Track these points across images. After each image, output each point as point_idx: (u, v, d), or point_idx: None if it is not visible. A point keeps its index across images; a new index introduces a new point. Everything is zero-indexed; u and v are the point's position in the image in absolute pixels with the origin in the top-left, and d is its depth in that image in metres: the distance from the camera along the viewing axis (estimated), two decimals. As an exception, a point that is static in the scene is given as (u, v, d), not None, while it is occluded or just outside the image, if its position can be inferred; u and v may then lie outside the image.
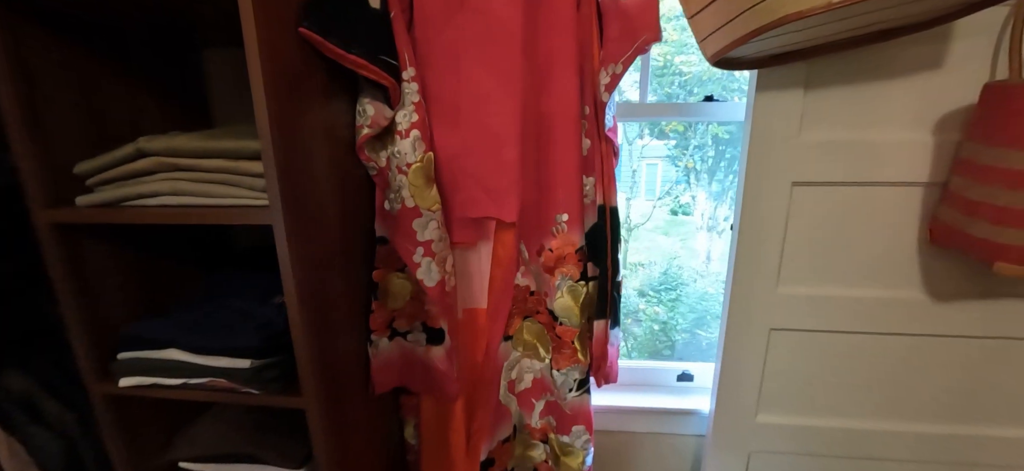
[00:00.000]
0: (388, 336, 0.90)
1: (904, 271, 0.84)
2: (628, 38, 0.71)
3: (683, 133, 2.18)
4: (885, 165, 0.79)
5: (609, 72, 0.75)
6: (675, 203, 2.38)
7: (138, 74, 0.82)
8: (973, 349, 0.86)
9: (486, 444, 0.94)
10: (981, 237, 0.68)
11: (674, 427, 1.09)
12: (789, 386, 0.93)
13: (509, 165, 0.77)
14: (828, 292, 0.86)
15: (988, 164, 0.66)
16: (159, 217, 0.67)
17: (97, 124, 0.76)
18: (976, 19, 0.68)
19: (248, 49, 0.57)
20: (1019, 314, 0.82)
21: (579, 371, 0.89)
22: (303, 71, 0.67)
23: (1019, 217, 0.64)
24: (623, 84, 0.92)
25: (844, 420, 0.94)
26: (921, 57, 0.74)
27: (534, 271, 0.89)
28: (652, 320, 2.46)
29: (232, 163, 0.65)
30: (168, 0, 0.69)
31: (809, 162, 0.80)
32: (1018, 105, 0.63)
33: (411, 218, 0.79)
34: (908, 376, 0.90)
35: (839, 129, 0.78)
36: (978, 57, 0.74)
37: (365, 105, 0.77)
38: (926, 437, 0.92)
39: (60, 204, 0.70)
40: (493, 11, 0.73)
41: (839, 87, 0.77)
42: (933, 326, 0.86)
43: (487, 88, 0.76)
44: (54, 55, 0.69)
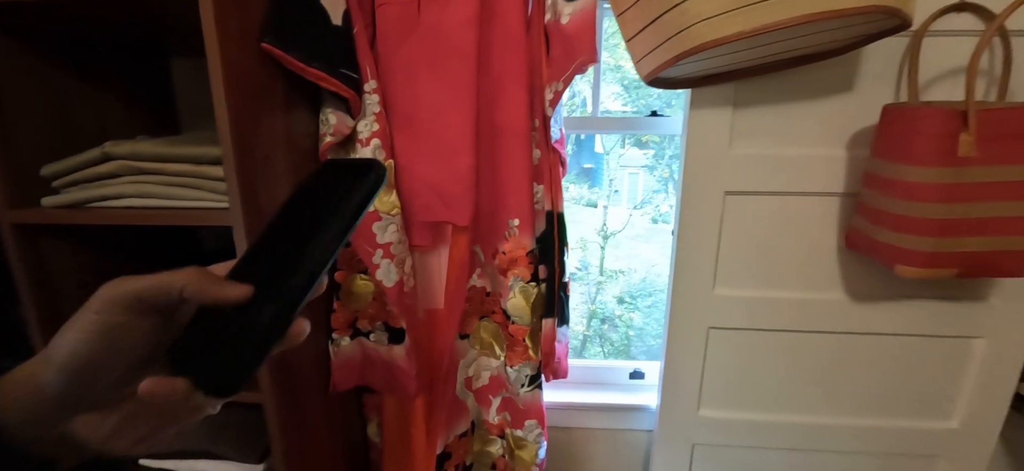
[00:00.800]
0: (350, 335, 0.94)
1: (827, 274, 0.92)
2: (568, 59, 0.77)
3: (660, 143, 2.28)
4: (806, 176, 0.87)
5: (553, 89, 0.81)
6: (656, 211, 2.46)
7: (105, 80, 0.85)
8: (892, 346, 0.94)
9: (442, 438, 0.98)
10: (885, 242, 0.76)
11: (626, 423, 1.15)
12: (728, 382, 0.99)
13: (462, 173, 0.83)
14: (760, 293, 0.93)
15: (888, 177, 0.74)
16: (123, 218, 0.70)
17: (63, 128, 0.79)
18: (881, 47, 0.76)
19: (211, 61, 0.61)
20: (927, 313, 0.91)
21: (531, 367, 0.95)
22: (265, 82, 0.71)
23: (915, 225, 0.72)
24: (604, 96, 0.99)
25: (780, 414, 1.01)
26: (834, 80, 0.83)
27: (490, 273, 0.94)
28: (628, 326, 2.53)
29: (195, 167, 0.69)
30: (134, 14, 0.72)
31: (739, 173, 0.87)
32: (912, 125, 0.71)
33: (371, 221, 0.84)
34: (836, 372, 0.97)
35: (764, 143, 0.86)
36: (883, 81, 0.82)
37: (328, 115, 0.81)
38: (856, 429, 0.99)
39: (24, 205, 0.72)
40: (446, 31, 0.79)
41: (763, 106, 0.84)
42: (855, 325, 0.94)
43: (441, 101, 0.81)
44: (20, 61, 0.72)
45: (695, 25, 0.64)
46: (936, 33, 0.77)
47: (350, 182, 0.29)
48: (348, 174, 0.30)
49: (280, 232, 0.30)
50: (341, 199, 0.29)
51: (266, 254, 0.29)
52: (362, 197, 0.29)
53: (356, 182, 0.29)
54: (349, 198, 0.29)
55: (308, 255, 0.27)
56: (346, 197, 0.29)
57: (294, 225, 0.30)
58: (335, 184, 0.30)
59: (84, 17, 0.72)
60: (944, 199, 0.68)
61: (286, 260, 0.28)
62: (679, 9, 0.65)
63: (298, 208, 0.30)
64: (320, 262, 0.28)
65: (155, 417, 0.28)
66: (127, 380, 0.26)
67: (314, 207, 0.30)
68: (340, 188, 0.29)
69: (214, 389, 0.26)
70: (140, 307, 0.25)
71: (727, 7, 0.61)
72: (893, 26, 0.68)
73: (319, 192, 0.30)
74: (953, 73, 0.81)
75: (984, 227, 0.69)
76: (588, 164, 2.75)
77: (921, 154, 0.69)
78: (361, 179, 0.29)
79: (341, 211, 0.28)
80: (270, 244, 0.30)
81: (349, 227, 0.29)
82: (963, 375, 0.94)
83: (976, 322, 0.90)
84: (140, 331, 0.26)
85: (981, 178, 0.68)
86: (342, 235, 0.28)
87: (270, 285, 0.27)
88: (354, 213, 0.29)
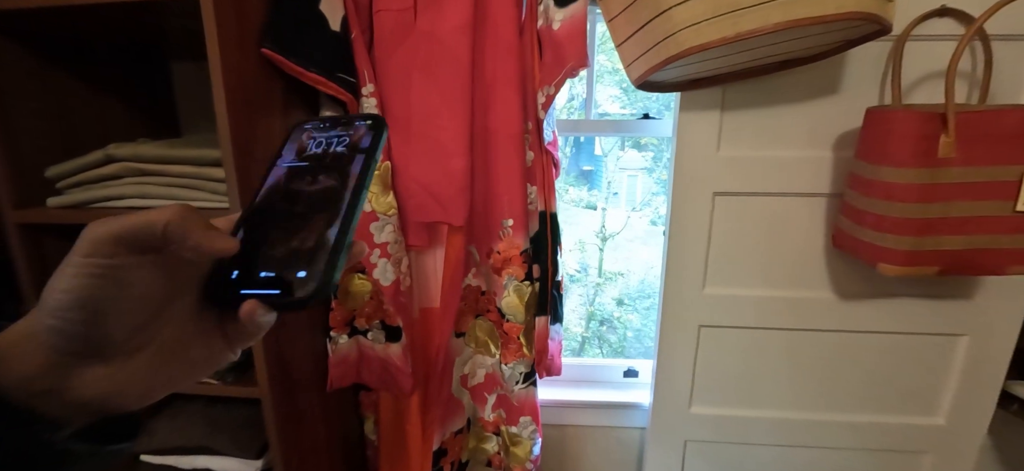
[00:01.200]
0: (347, 333, 0.96)
1: (815, 273, 0.93)
2: (559, 64, 0.79)
3: (658, 145, 2.30)
4: (793, 178, 0.89)
5: (545, 93, 0.83)
6: (655, 213, 2.48)
7: (107, 84, 0.87)
8: (879, 343, 0.96)
9: (438, 434, 1.00)
10: (867, 241, 0.78)
11: (620, 420, 1.17)
12: (718, 379, 1.01)
13: (456, 174, 0.84)
14: (749, 292, 0.95)
15: (870, 178, 0.76)
16: (125, 218, 0.72)
17: (66, 131, 0.81)
18: (865, 51, 0.78)
19: (212, 66, 0.63)
20: (913, 311, 0.93)
21: (525, 365, 0.96)
22: (264, 86, 0.73)
23: (895, 224, 0.74)
24: (603, 99, 1.01)
25: (769, 410, 1.02)
26: (819, 83, 0.85)
27: (484, 272, 0.96)
28: (626, 327, 2.55)
29: (196, 169, 0.71)
30: (136, 19, 0.74)
31: (728, 174, 0.89)
32: (891, 127, 0.73)
33: (368, 222, 0.86)
34: (825, 369, 0.99)
35: (752, 145, 0.88)
36: (868, 84, 0.84)
37: (326, 117, 0.83)
38: (845, 425, 1.01)
39: (29, 205, 0.74)
40: (440, 36, 0.81)
41: (750, 109, 0.86)
42: (842, 323, 0.95)
43: (435, 105, 0.83)
44: (25, 66, 0.74)
45: (680, 31, 0.66)
46: (918, 37, 0.79)
47: (360, 136, 0.30)
48: (350, 127, 0.31)
49: (283, 195, 0.30)
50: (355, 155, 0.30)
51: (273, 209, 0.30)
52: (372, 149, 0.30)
53: (365, 136, 0.30)
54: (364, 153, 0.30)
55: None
56: (361, 151, 0.30)
57: (302, 185, 0.30)
58: (340, 139, 0.31)
59: (87, 23, 0.74)
60: (922, 199, 0.70)
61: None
62: (665, 16, 0.67)
63: (300, 172, 0.31)
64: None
65: (176, 364, 0.26)
66: (143, 325, 0.25)
67: (321, 167, 0.30)
68: (349, 143, 0.30)
69: (302, 300, 0.26)
70: (130, 247, 0.24)
71: (711, 13, 0.63)
72: (874, 31, 0.70)
73: (323, 154, 0.31)
74: (936, 76, 0.83)
75: (963, 226, 0.71)
76: (587, 166, 2.77)
77: (899, 155, 0.71)
78: (370, 132, 0.30)
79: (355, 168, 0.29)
80: (272, 203, 0.30)
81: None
82: (949, 372, 0.96)
83: (961, 320, 0.92)
84: (144, 270, 0.24)
85: (959, 179, 0.70)
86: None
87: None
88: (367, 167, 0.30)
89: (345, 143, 0.31)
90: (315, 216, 0.28)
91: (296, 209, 0.29)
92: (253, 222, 0.29)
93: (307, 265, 0.26)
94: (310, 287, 0.25)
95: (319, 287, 0.25)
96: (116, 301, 0.23)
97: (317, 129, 0.32)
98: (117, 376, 0.24)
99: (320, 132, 0.32)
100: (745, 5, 0.62)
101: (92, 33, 0.81)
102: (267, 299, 0.26)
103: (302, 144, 0.32)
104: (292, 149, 0.32)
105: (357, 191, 0.28)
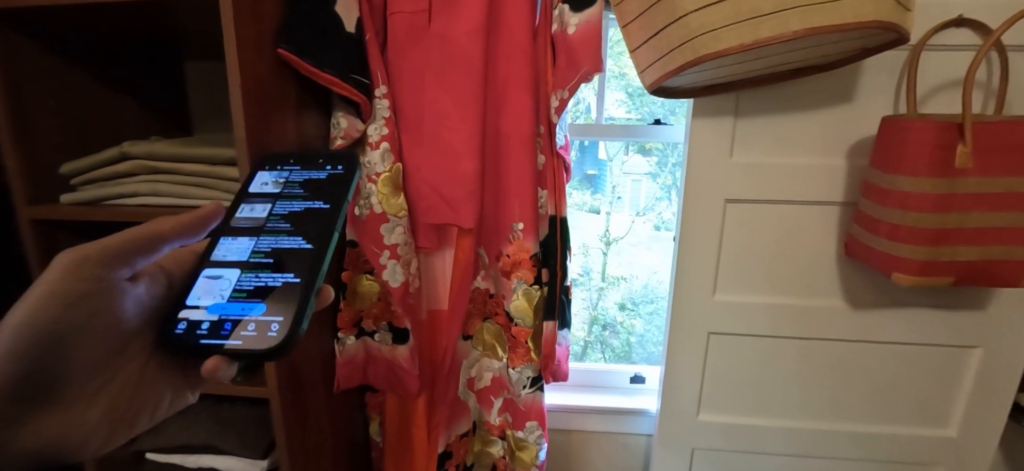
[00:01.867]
0: (355, 335, 0.96)
1: (826, 282, 0.93)
2: (573, 69, 0.79)
3: (663, 150, 2.30)
4: (806, 185, 0.88)
5: (558, 97, 0.83)
6: (658, 218, 2.48)
7: (121, 82, 0.88)
8: (890, 354, 0.95)
9: (443, 437, 1.00)
10: (882, 251, 0.77)
11: (626, 426, 1.16)
12: (727, 387, 1.01)
13: (467, 177, 0.84)
14: (759, 300, 0.94)
15: (885, 187, 0.76)
16: (138, 216, 0.72)
17: (80, 128, 0.81)
18: (880, 60, 0.78)
19: (229, 68, 0.63)
20: (925, 321, 0.92)
21: (532, 369, 0.96)
22: (278, 86, 0.73)
23: (910, 234, 0.73)
24: (609, 103, 1.01)
25: (778, 420, 1.02)
26: (834, 91, 0.84)
27: (493, 275, 0.96)
28: (629, 332, 2.54)
29: (210, 168, 0.71)
30: (153, 20, 0.74)
31: (740, 181, 0.89)
32: (907, 136, 0.73)
33: (379, 223, 0.86)
34: (835, 379, 0.98)
35: (765, 153, 0.87)
36: (883, 92, 0.84)
37: (339, 118, 0.83)
38: (855, 436, 1.00)
39: (42, 202, 0.74)
40: (453, 39, 0.81)
41: (764, 116, 0.86)
42: (854, 332, 0.95)
43: (447, 107, 0.83)
44: (42, 64, 0.75)
45: (697, 37, 0.66)
46: (935, 47, 0.79)
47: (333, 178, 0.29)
48: (323, 164, 0.30)
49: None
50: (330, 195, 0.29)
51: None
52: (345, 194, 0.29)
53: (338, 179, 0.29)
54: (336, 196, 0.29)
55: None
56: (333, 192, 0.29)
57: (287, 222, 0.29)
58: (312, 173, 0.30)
59: (104, 23, 0.74)
60: (938, 209, 0.70)
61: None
62: (682, 22, 0.66)
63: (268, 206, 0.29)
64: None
65: (138, 407, 0.24)
66: (105, 363, 0.22)
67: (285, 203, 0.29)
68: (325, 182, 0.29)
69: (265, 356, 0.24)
70: (107, 266, 0.22)
71: (729, 20, 0.63)
72: (891, 40, 0.69)
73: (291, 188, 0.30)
74: (951, 86, 0.82)
75: (979, 237, 0.71)
76: (591, 171, 2.77)
77: (915, 164, 0.70)
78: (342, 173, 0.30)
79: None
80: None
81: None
82: (961, 384, 0.95)
83: (974, 331, 0.91)
84: (113, 299, 0.22)
85: (976, 189, 0.69)
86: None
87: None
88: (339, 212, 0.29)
89: (316, 183, 0.29)
90: (282, 261, 0.26)
91: (262, 250, 0.27)
92: (217, 259, 0.27)
93: (273, 316, 0.24)
94: (275, 340, 0.24)
95: (285, 341, 0.24)
96: (81, 333, 0.21)
97: (287, 164, 0.31)
98: (74, 422, 0.21)
99: (289, 168, 0.30)
100: (764, 12, 0.62)
101: (109, 32, 0.81)
102: (230, 352, 0.24)
103: (271, 180, 0.30)
104: (260, 184, 0.30)
105: (327, 236, 0.27)
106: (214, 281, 0.26)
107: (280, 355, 0.24)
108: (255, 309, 0.25)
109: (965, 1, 0.77)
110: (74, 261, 0.22)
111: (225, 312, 0.25)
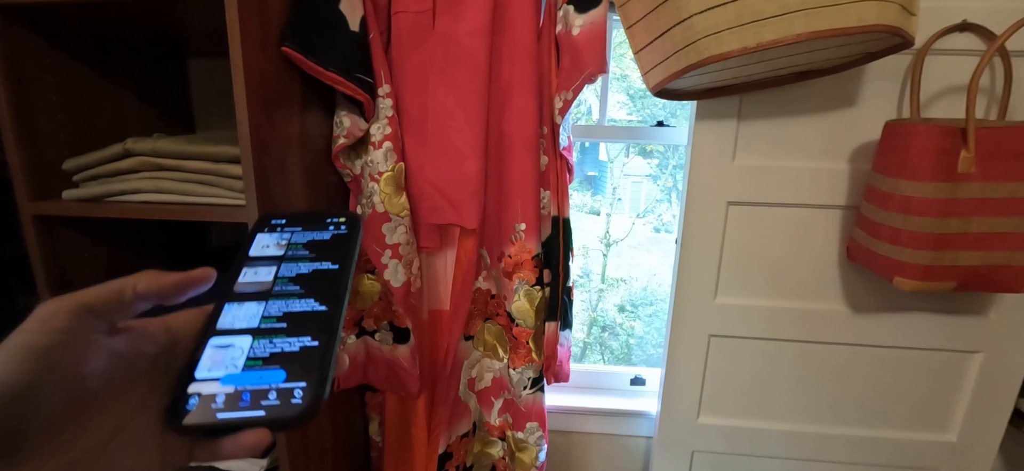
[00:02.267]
0: (356, 334, 0.96)
1: (828, 285, 0.93)
2: (577, 70, 0.79)
3: (664, 153, 2.30)
4: (809, 189, 0.88)
5: (562, 98, 0.83)
6: (658, 220, 2.48)
7: (125, 79, 0.88)
8: (891, 358, 0.95)
9: (444, 438, 0.99)
10: (883, 255, 0.77)
11: (626, 428, 1.16)
12: (727, 389, 1.01)
13: (470, 177, 0.84)
14: (761, 303, 0.94)
15: (887, 192, 0.76)
16: (142, 212, 0.72)
17: (84, 124, 0.81)
18: (884, 64, 0.78)
19: (234, 66, 0.63)
20: (926, 326, 0.92)
21: (533, 370, 0.96)
22: (282, 85, 0.73)
23: (912, 238, 0.73)
24: (610, 105, 1.01)
25: (778, 423, 1.02)
26: (837, 96, 0.85)
27: (495, 276, 0.96)
28: (629, 334, 2.54)
29: (213, 166, 0.71)
30: (158, 17, 0.74)
31: (743, 184, 0.89)
32: (910, 141, 0.73)
33: (381, 222, 0.86)
34: (836, 382, 0.98)
35: (768, 155, 0.88)
36: (886, 97, 0.84)
37: (342, 117, 0.83)
38: (855, 440, 1.00)
39: (44, 198, 0.74)
40: (458, 39, 0.81)
41: (767, 119, 0.86)
42: (855, 336, 0.95)
43: (450, 107, 0.83)
44: (46, 60, 0.75)
45: (701, 40, 0.66)
46: (938, 52, 0.79)
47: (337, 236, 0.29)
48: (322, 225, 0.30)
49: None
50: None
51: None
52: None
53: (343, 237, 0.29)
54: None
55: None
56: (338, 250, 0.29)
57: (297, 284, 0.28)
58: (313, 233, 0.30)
59: (108, 19, 0.74)
60: (941, 213, 0.70)
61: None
62: (686, 24, 0.66)
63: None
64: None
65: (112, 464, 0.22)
66: (66, 419, 0.21)
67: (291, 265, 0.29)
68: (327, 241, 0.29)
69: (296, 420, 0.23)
70: (94, 315, 0.21)
71: (732, 23, 0.63)
72: (895, 44, 0.70)
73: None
74: (954, 91, 0.82)
75: (981, 242, 0.71)
76: (592, 172, 2.77)
77: (918, 169, 0.70)
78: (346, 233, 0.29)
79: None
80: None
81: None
82: (961, 389, 0.95)
83: (975, 336, 0.91)
84: (96, 353, 0.21)
85: (978, 194, 0.69)
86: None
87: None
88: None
89: (320, 244, 0.29)
90: (297, 324, 0.26)
91: (273, 315, 0.26)
92: (224, 327, 0.26)
93: (295, 381, 0.24)
94: (301, 407, 0.23)
95: (311, 406, 0.23)
96: (41, 387, 0.20)
97: (287, 226, 0.30)
98: None
99: (291, 230, 0.30)
100: (767, 15, 0.62)
101: (113, 28, 0.81)
102: (254, 423, 0.23)
103: (272, 242, 0.29)
104: (261, 246, 0.29)
105: (340, 297, 0.27)
106: (224, 350, 0.25)
107: (306, 421, 0.23)
108: (275, 376, 0.24)
109: (969, 6, 0.77)
110: (49, 312, 0.21)
111: (242, 382, 0.24)
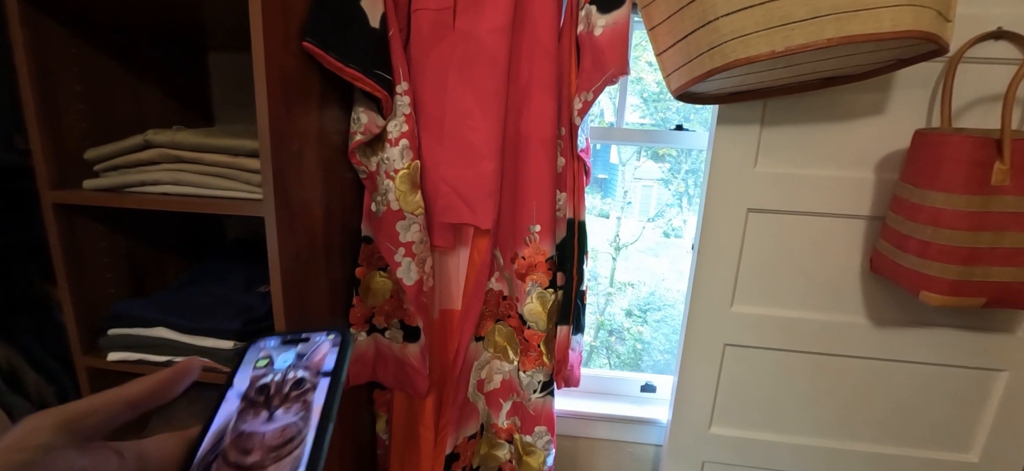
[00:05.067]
0: (366, 331, 0.95)
1: (849, 297, 0.91)
2: (598, 71, 0.78)
3: (676, 157, 2.27)
4: (833, 198, 0.86)
5: (582, 99, 0.82)
6: (668, 225, 2.45)
7: (146, 71, 0.88)
8: (913, 374, 0.93)
9: (451, 438, 0.99)
10: (909, 268, 0.75)
11: (635, 435, 1.15)
12: (741, 400, 0.99)
13: (486, 177, 0.84)
14: (779, 313, 0.92)
15: (916, 203, 0.74)
16: (160, 204, 0.72)
17: (105, 115, 0.81)
18: (914, 71, 0.76)
19: (255, 59, 0.63)
20: (950, 342, 0.89)
21: (543, 374, 0.95)
22: (302, 80, 0.73)
23: (940, 252, 0.71)
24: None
25: (793, 436, 0.99)
26: (865, 103, 0.82)
27: (507, 277, 0.95)
28: (636, 339, 2.52)
29: (231, 159, 0.71)
30: (182, 11, 0.74)
31: (764, 191, 0.87)
32: (942, 151, 0.71)
33: (395, 220, 0.85)
34: (854, 397, 0.96)
35: (791, 163, 0.86)
36: (915, 105, 0.82)
37: (359, 113, 0.83)
38: (872, 457, 0.98)
39: (65, 187, 0.75)
40: (478, 37, 0.80)
41: (792, 125, 0.84)
42: (876, 350, 0.92)
43: (469, 106, 0.82)
44: (70, 50, 0.75)
45: (727, 42, 0.64)
46: (972, 60, 0.77)
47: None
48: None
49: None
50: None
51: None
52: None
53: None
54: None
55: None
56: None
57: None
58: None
59: (132, 11, 0.74)
60: (972, 227, 0.68)
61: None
62: (712, 26, 0.65)
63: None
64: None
65: None
66: None
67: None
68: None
69: None
70: (67, 435, 0.21)
71: (761, 26, 0.62)
72: (929, 51, 0.67)
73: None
74: (987, 100, 0.80)
75: (1013, 258, 0.68)
76: (602, 175, 2.76)
77: (950, 180, 0.68)
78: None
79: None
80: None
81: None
82: (985, 408, 0.93)
83: (1000, 354, 0.89)
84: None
85: (1013, 208, 0.67)
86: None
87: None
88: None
89: (306, 365, 0.28)
90: (272, 466, 0.25)
91: (250, 457, 0.25)
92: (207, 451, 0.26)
93: None
94: None
95: None
96: None
97: (275, 348, 0.29)
98: None
99: (278, 351, 0.29)
100: (797, 18, 0.60)
101: (136, 20, 0.82)
102: None
103: (257, 371, 0.29)
104: (246, 375, 0.29)
105: (322, 429, 0.26)
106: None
107: None
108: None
109: (1004, 13, 0.75)
110: (32, 427, 0.20)
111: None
